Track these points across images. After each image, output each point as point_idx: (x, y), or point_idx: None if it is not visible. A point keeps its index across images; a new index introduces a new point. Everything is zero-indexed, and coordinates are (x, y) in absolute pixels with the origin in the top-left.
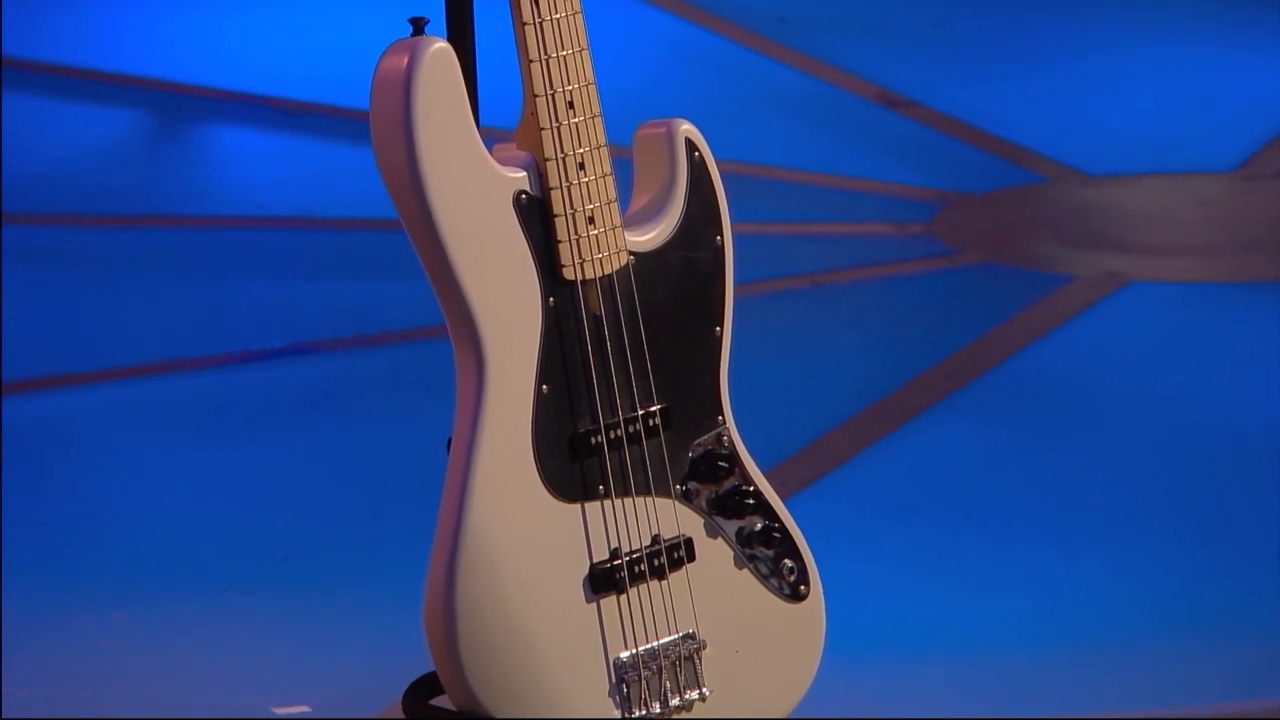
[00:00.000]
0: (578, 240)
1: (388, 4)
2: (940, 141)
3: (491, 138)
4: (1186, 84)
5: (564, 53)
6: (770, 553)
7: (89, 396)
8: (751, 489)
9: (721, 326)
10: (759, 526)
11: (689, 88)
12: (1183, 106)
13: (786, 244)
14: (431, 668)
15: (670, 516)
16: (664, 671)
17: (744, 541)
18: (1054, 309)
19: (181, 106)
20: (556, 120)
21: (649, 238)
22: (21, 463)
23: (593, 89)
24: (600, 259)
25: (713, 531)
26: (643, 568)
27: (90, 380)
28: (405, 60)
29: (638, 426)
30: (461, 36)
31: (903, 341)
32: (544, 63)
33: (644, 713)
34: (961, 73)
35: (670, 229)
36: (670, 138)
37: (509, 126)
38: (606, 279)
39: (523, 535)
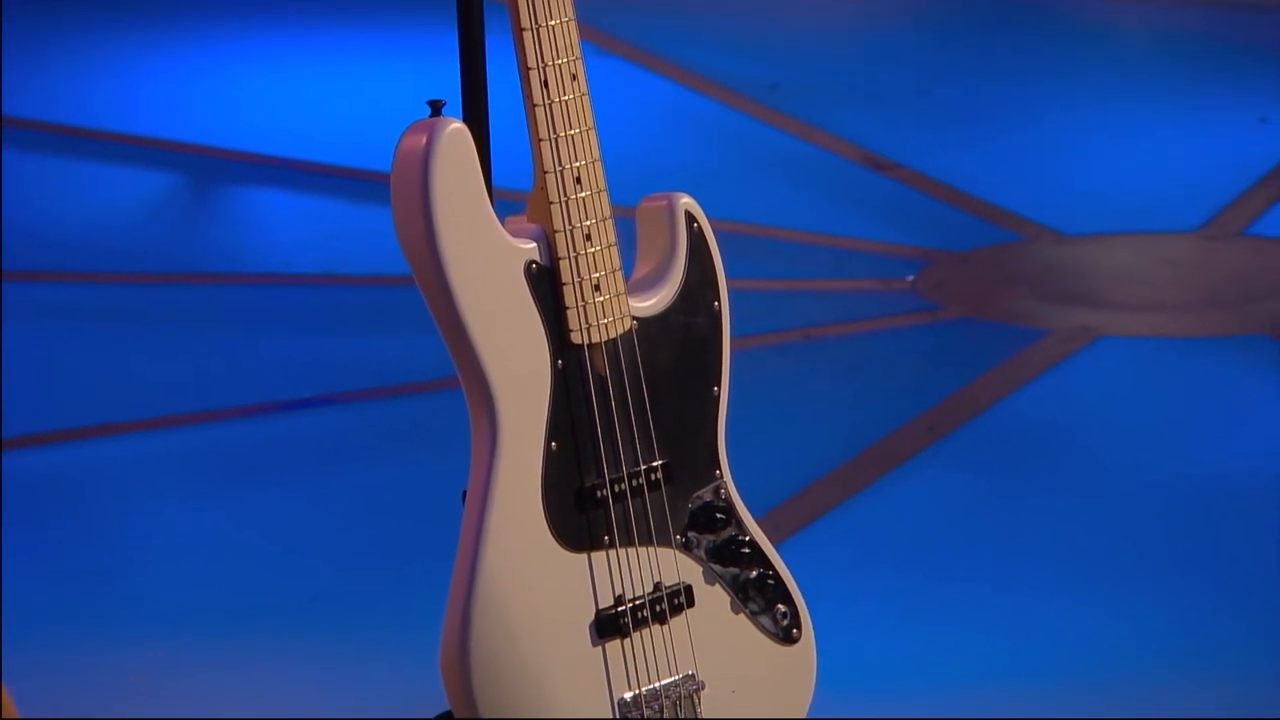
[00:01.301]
0: (584, 307)
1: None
2: (923, 202)
3: (503, 200)
4: (1153, 149)
5: (572, 132)
6: (764, 598)
7: (127, 445)
8: (747, 539)
9: (719, 386)
10: (754, 574)
11: (687, 150)
12: (1150, 170)
13: (779, 299)
14: (447, 707)
15: (671, 565)
16: (665, 710)
17: (740, 588)
18: (1031, 362)
19: (213, 169)
20: (565, 195)
21: (651, 304)
22: (62, 509)
23: (598, 165)
24: (606, 324)
25: (711, 579)
26: (645, 613)
27: (128, 430)
28: (424, 140)
29: (640, 480)
30: (476, 116)
31: (888, 392)
32: (553, 141)
33: None
34: (944, 137)
35: (671, 295)
36: (671, 210)
37: (522, 187)
38: (611, 343)
39: (533, 583)
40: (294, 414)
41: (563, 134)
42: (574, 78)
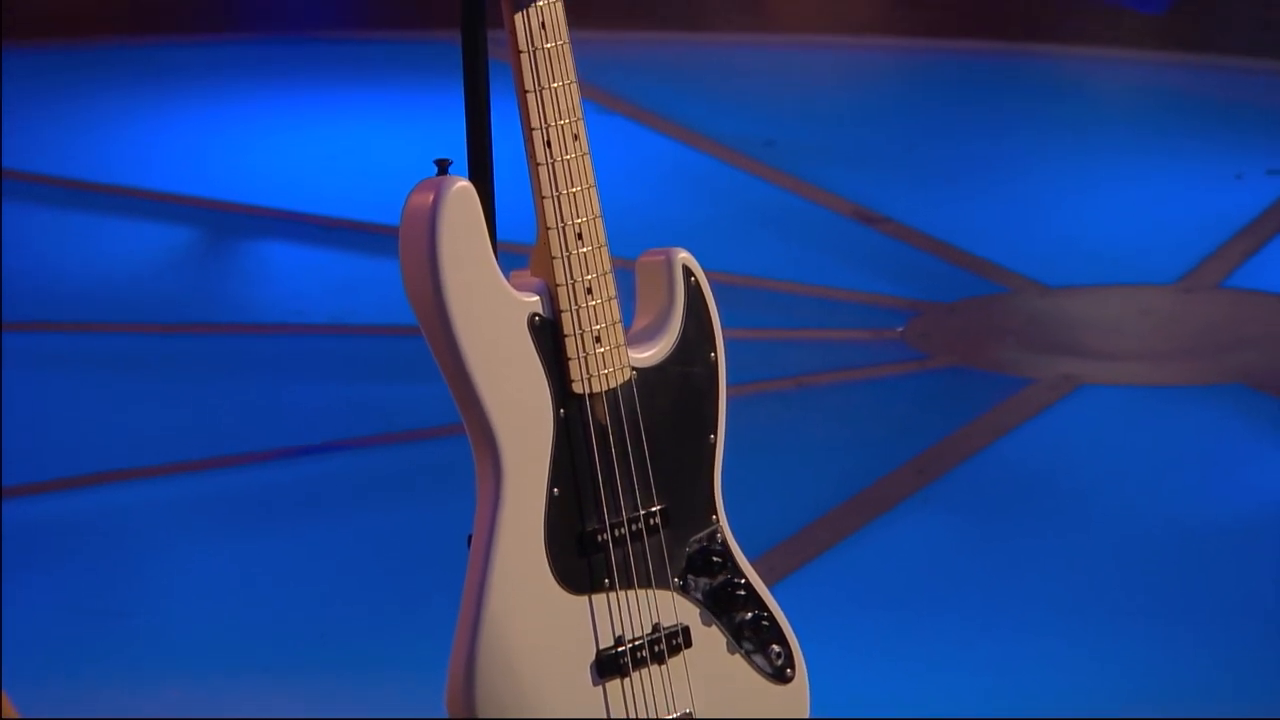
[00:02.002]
0: (586, 357)
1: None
2: (912, 255)
3: (507, 254)
4: (1133, 204)
5: (573, 189)
6: (759, 639)
7: (143, 490)
8: (742, 582)
9: (715, 434)
10: (749, 616)
11: (684, 204)
12: (1130, 224)
13: (773, 348)
14: None
15: (669, 607)
16: None
17: (735, 629)
18: (1016, 409)
19: (228, 223)
20: (567, 250)
21: (650, 355)
22: (81, 551)
23: (599, 221)
24: (606, 374)
25: (707, 620)
26: (645, 653)
27: (144, 475)
28: (430, 198)
29: (640, 525)
30: (481, 174)
31: (879, 438)
32: (555, 199)
33: None
34: (931, 193)
35: (669, 347)
36: (669, 264)
37: (526, 240)
38: (612, 392)
39: (536, 624)
40: (305, 459)
41: (565, 191)
42: (576, 137)
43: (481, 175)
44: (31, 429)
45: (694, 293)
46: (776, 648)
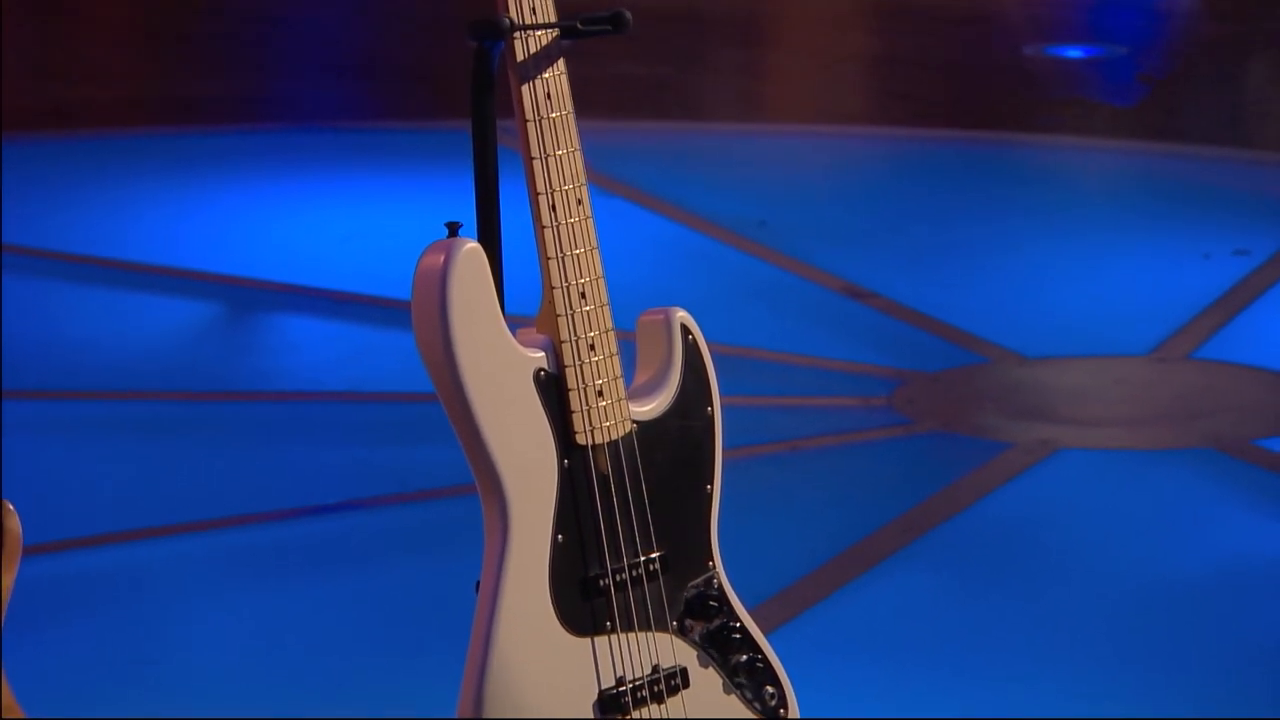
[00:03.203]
0: (589, 411)
1: (424, 213)
2: (898, 328)
3: (514, 324)
4: (1106, 281)
5: (577, 251)
6: (754, 680)
7: (168, 546)
8: (738, 625)
9: (712, 484)
10: (744, 658)
11: (681, 279)
12: (1103, 300)
13: (765, 414)
14: None
15: (668, 649)
16: None
17: (731, 671)
18: (997, 471)
19: (248, 298)
20: (570, 308)
21: (650, 408)
22: (110, 603)
23: (601, 282)
24: (608, 427)
25: (705, 662)
26: (644, 693)
27: (168, 533)
28: (441, 259)
29: (640, 571)
30: (490, 236)
31: (867, 498)
32: (560, 260)
33: None
34: (917, 271)
35: (668, 401)
36: (668, 323)
37: (530, 313)
38: (613, 444)
39: (540, 665)
40: (322, 517)
41: (569, 253)
42: (579, 202)
43: (490, 238)
44: (61, 490)
45: (691, 350)
46: (770, 689)
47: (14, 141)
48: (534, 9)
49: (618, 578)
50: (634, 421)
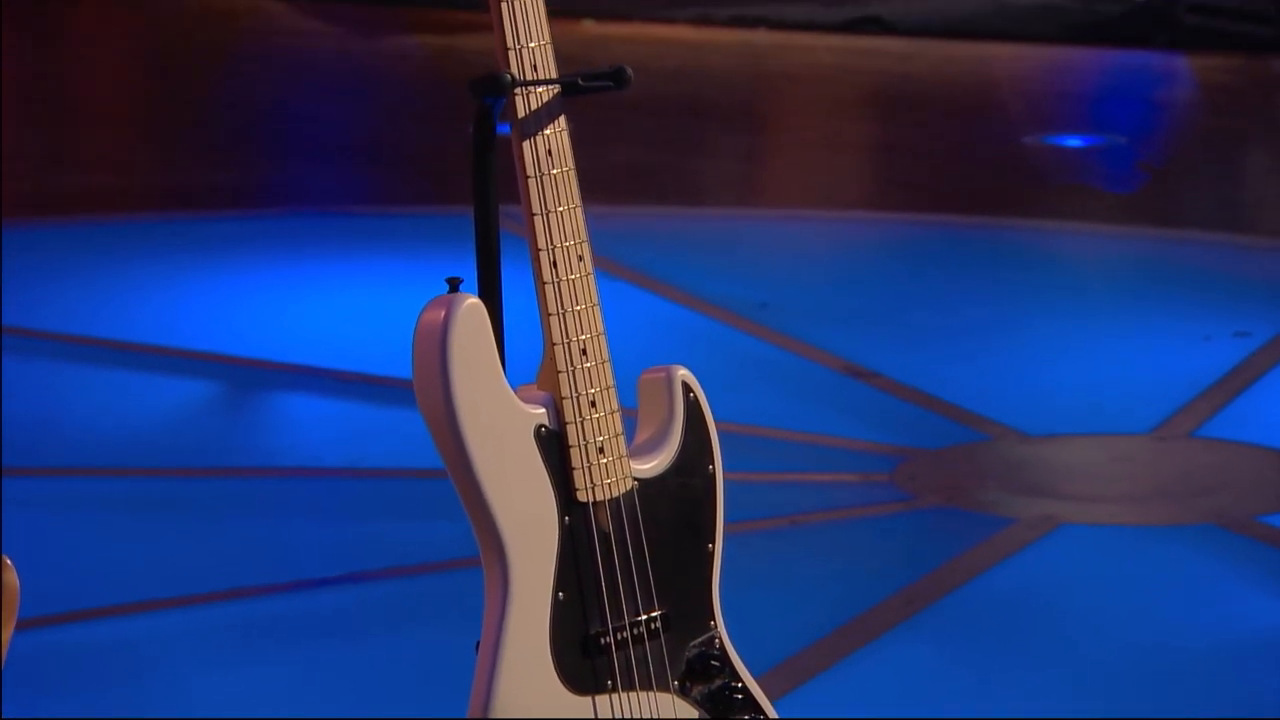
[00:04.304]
0: (590, 468)
1: (423, 293)
2: (899, 406)
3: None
4: (1108, 362)
5: (578, 307)
6: None
7: (169, 619)
8: (740, 685)
9: (713, 543)
10: (746, 719)
11: (681, 359)
12: (1105, 380)
13: (766, 490)
14: None
15: (669, 709)
16: None
17: None
18: (999, 545)
19: (249, 378)
20: (571, 364)
21: (651, 466)
22: (114, 673)
23: (602, 338)
24: (609, 484)
25: None
26: None
27: (170, 606)
28: (442, 314)
29: (641, 629)
30: (490, 292)
31: (869, 571)
32: (561, 316)
33: None
34: (918, 351)
35: (669, 459)
36: (669, 381)
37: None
38: (614, 501)
39: None
40: (321, 590)
41: (569, 309)
42: (580, 258)
43: (491, 293)
44: (62, 564)
45: (693, 408)
46: None
47: (15, 227)
48: (535, 65)
49: (619, 636)
50: (635, 479)
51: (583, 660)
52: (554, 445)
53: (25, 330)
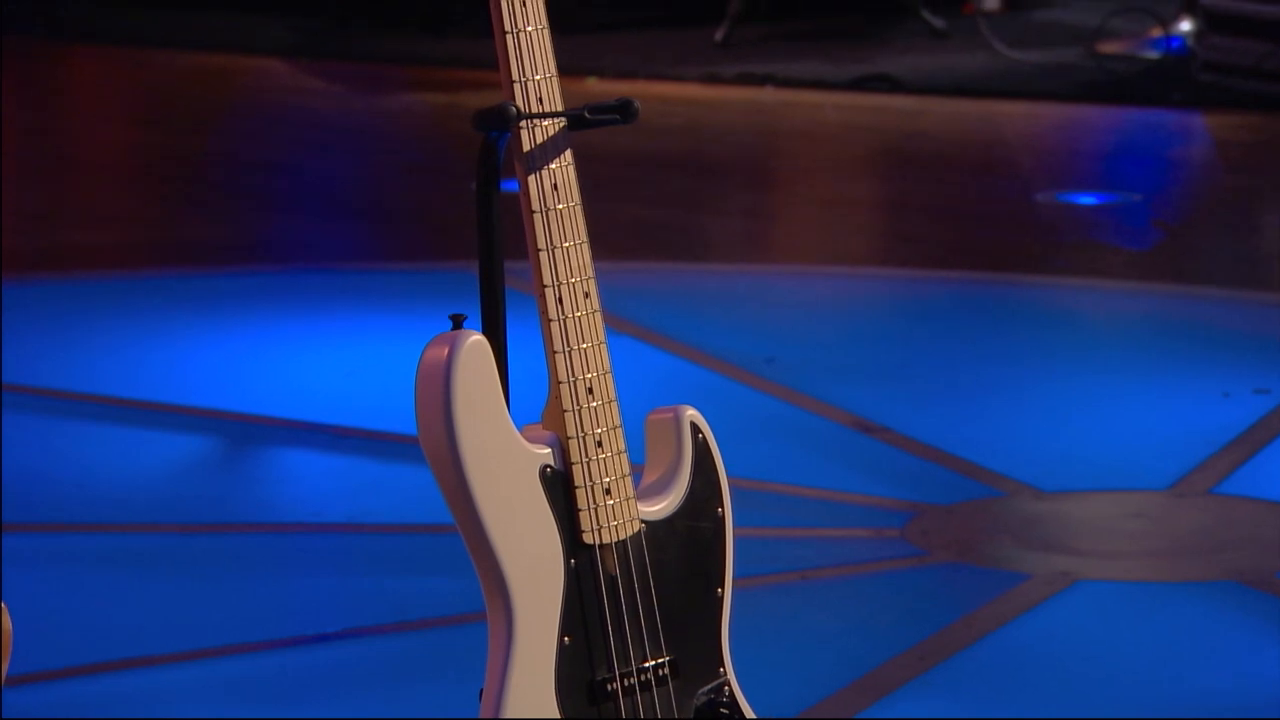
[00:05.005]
0: (596, 509)
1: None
2: (910, 462)
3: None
4: (1125, 419)
5: (584, 345)
6: None
7: (172, 674)
8: None
9: (723, 588)
10: None
11: None
12: (1122, 438)
13: (776, 545)
14: None
15: None
16: None
17: None
18: (1014, 601)
19: (251, 433)
20: (577, 404)
21: (658, 508)
22: None
23: (609, 377)
24: (616, 526)
25: None
26: None
27: (171, 660)
28: (446, 351)
29: (649, 676)
30: (494, 330)
31: (881, 626)
32: (566, 354)
33: None
34: (928, 407)
35: (677, 501)
36: (677, 421)
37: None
38: (621, 544)
39: None
40: (323, 645)
41: (575, 347)
42: (586, 295)
43: (494, 331)
44: (62, 619)
45: (701, 449)
46: None
47: (15, 283)
48: (541, 98)
49: (626, 682)
50: (642, 521)
51: (589, 706)
52: (559, 486)
53: (21, 387)
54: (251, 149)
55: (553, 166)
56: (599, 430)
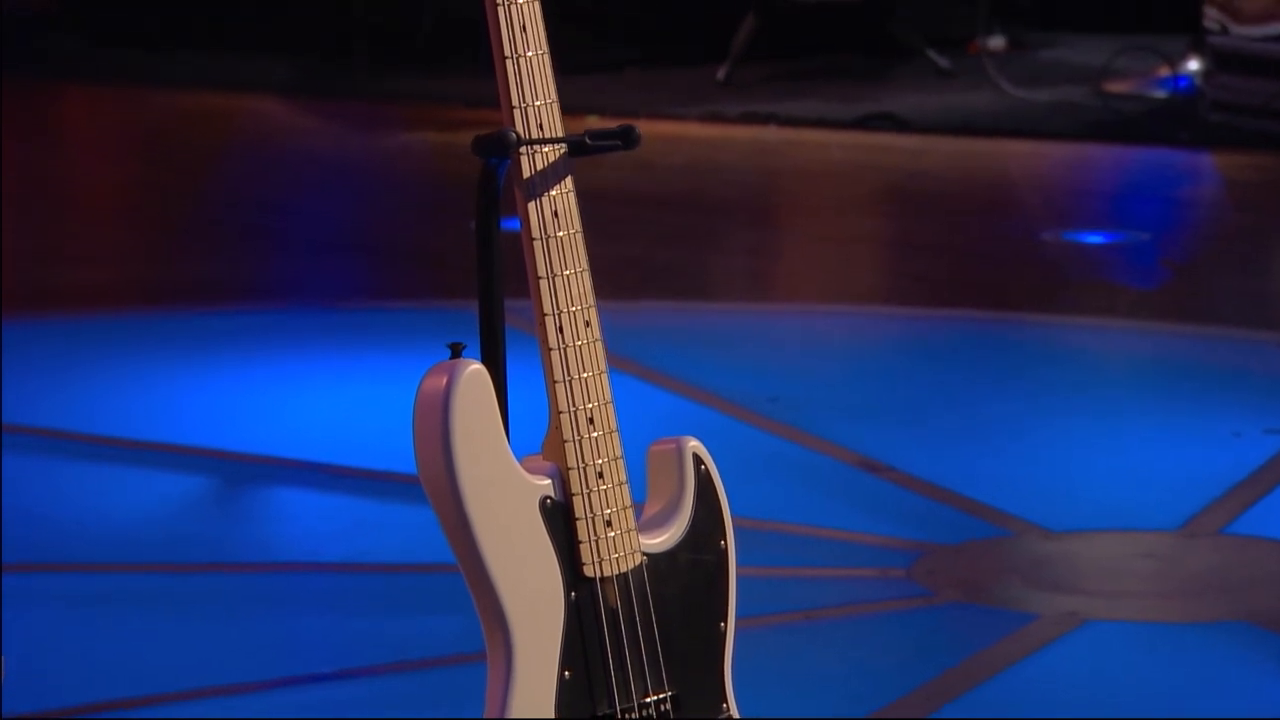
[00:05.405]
0: (597, 541)
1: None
2: (916, 501)
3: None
4: (1135, 459)
5: (585, 374)
6: None
7: (170, 713)
8: None
9: (725, 623)
10: None
11: None
12: (1132, 478)
13: (782, 585)
14: None
15: None
16: None
17: None
18: (1023, 641)
19: (248, 473)
20: (578, 434)
21: (660, 540)
22: None
23: (610, 407)
24: (617, 558)
25: None
26: None
27: (170, 700)
28: (444, 380)
29: (650, 711)
30: (494, 359)
31: (886, 668)
32: (567, 383)
33: None
34: (934, 446)
35: (679, 533)
36: (680, 453)
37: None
38: (622, 576)
39: None
40: (321, 686)
41: (576, 376)
42: (587, 324)
43: (494, 359)
44: (61, 659)
45: (704, 481)
46: None
47: (12, 323)
48: (541, 124)
49: (627, 717)
50: (644, 554)
51: None
52: (560, 517)
53: (20, 427)
54: (249, 187)
55: (553, 193)
56: (600, 461)
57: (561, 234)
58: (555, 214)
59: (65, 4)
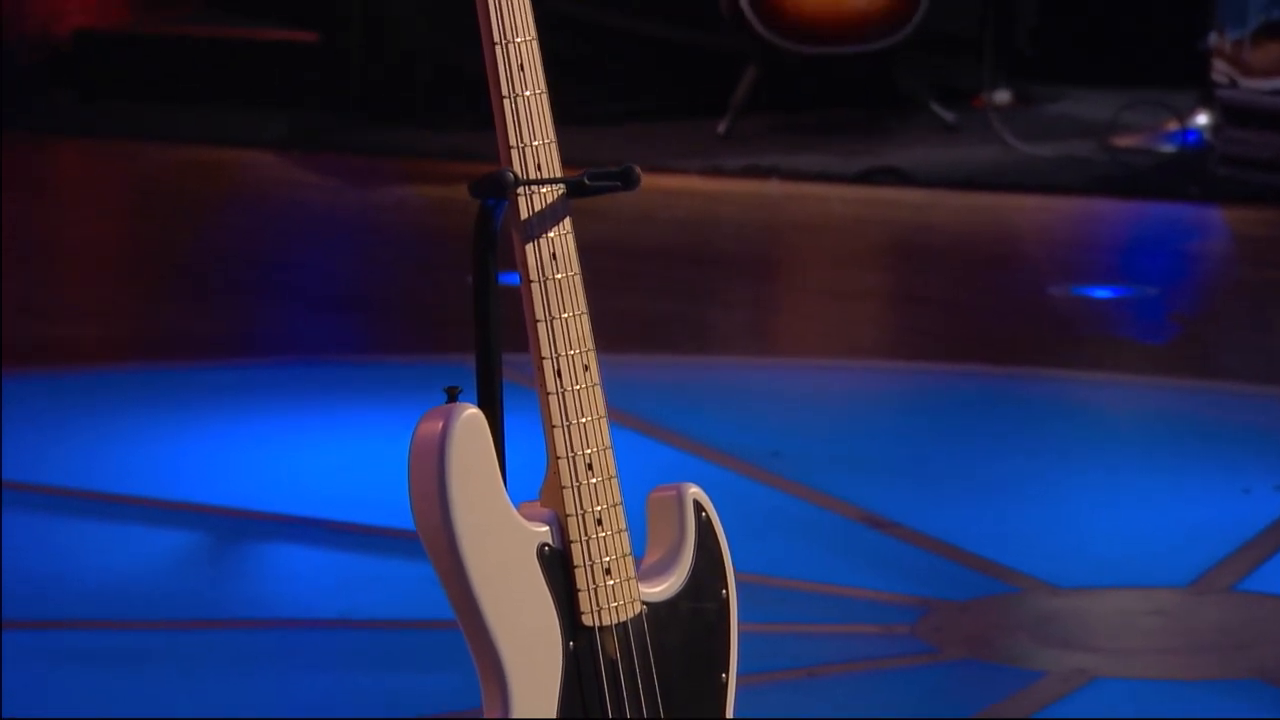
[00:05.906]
0: (596, 589)
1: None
2: (921, 557)
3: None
4: (1144, 515)
5: (583, 420)
6: None
7: None
8: None
9: (727, 673)
10: None
11: None
12: (1141, 533)
13: (784, 641)
14: None
15: None
16: None
17: None
18: (1030, 698)
19: (242, 528)
20: (576, 480)
21: (660, 589)
22: None
23: (609, 452)
24: (616, 607)
25: None
26: None
27: None
28: (440, 425)
29: None
30: (491, 404)
31: None
32: (565, 428)
33: None
34: (939, 502)
35: (680, 582)
36: (680, 499)
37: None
38: (622, 626)
39: None
40: None
41: (575, 421)
42: (586, 368)
43: (491, 404)
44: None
45: (705, 528)
46: None
47: (7, 378)
48: (539, 164)
49: None
50: (644, 603)
51: None
52: (558, 565)
53: (17, 484)
54: (244, 242)
55: (551, 235)
56: (599, 507)
57: (560, 276)
58: (554, 256)
59: (57, 58)
